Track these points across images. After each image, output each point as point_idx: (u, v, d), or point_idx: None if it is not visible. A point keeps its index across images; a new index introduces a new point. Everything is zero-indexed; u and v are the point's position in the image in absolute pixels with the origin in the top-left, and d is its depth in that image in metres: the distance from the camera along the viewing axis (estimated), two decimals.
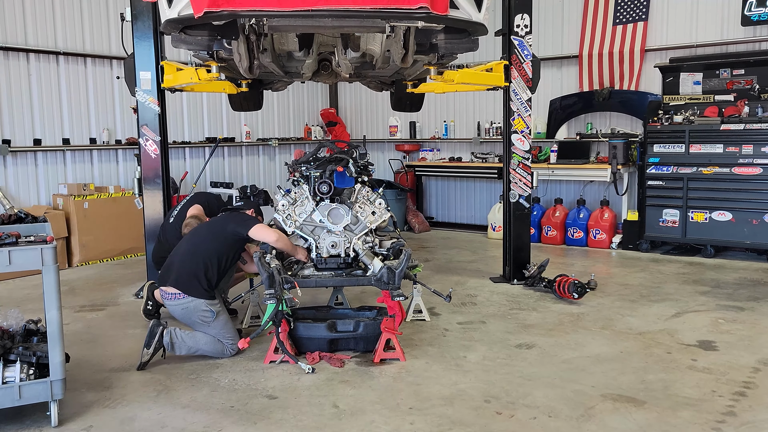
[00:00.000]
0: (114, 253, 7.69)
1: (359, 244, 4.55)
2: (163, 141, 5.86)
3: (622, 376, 3.88)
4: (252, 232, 4.38)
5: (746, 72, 7.31)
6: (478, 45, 4.47)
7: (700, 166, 7.25)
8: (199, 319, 4.22)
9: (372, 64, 5.20)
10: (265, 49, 4.47)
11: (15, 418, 3.40)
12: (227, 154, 9.76)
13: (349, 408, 3.51)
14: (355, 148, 5.04)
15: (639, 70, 8.17)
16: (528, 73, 6.05)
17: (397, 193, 9.59)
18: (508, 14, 6.00)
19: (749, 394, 3.61)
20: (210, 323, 4.24)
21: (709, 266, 6.92)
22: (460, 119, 10.01)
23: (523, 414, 3.39)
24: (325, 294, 5.56)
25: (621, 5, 8.28)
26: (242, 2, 3.54)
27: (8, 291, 6.23)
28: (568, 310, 5.34)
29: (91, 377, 4.00)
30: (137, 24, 5.67)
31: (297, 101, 10.88)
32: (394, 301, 4.15)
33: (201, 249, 4.34)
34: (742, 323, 4.90)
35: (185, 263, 4.29)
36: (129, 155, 8.33)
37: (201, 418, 3.41)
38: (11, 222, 3.78)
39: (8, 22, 7.27)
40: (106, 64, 8.20)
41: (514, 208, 6.26)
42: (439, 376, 3.92)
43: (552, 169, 8.44)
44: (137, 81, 5.72)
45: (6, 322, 3.56)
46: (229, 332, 4.31)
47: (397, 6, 3.58)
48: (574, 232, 8.28)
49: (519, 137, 6.18)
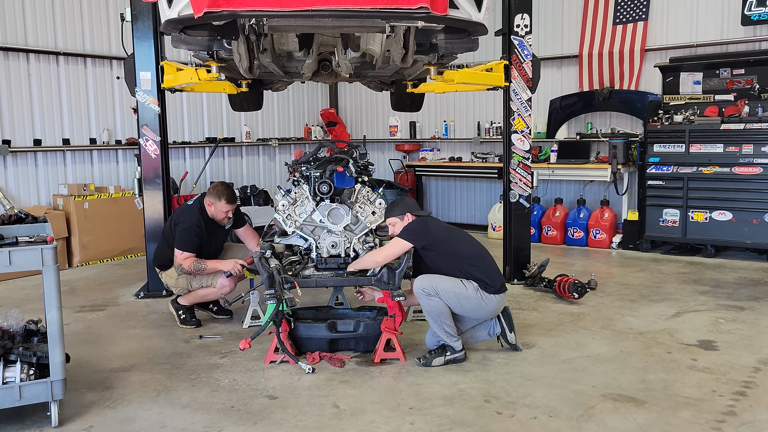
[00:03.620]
0: (114, 253, 7.69)
1: (359, 245, 4.55)
2: (163, 141, 5.87)
3: (623, 376, 3.88)
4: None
5: (746, 72, 7.31)
6: (478, 45, 4.46)
7: (700, 165, 7.25)
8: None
9: (372, 64, 5.20)
10: (265, 49, 4.47)
11: (15, 418, 3.40)
12: (227, 154, 9.76)
13: (350, 408, 3.51)
14: (355, 148, 5.03)
15: (639, 70, 8.17)
16: (528, 72, 6.06)
17: (397, 193, 9.55)
18: (508, 14, 6.00)
19: (749, 393, 3.61)
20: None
21: (709, 266, 6.92)
22: (460, 119, 10.01)
23: (524, 414, 3.39)
24: (325, 294, 5.56)
25: (621, 5, 8.28)
26: (242, 2, 3.53)
27: (8, 291, 6.24)
28: (569, 309, 5.34)
29: (92, 377, 4.00)
30: (137, 24, 5.67)
31: (297, 101, 10.88)
32: (394, 301, 4.15)
33: None
34: (742, 323, 4.90)
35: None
36: (129, 155, 8.33)
37: (201, 418, 3.41)
38: (11, 222, 3.78)
39: (8, 22, 7.27)
40: (106, 65, 8.20)
41: (514, 208, 6.27)
42: (440, 376, 3.92)
43: (552, 168, 8.43)
44: (137, 81, 5.73)
45: (6, 323, 3.56)
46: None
47: (397, 6, 3.58)
48: (575, 231, 8.28)
49: (519, 137, 6.18)
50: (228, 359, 4.28)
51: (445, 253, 4.11)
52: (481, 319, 4.24)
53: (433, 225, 4.27)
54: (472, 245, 4.25)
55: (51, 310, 3.23)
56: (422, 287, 4.01)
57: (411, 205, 4.40)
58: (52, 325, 3.23)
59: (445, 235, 4.19)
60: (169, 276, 4.99)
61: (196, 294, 4.94)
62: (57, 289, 3.24)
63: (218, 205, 4.86)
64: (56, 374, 3.25)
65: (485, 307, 4.09)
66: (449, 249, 4.12)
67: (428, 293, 3.98)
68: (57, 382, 3.26)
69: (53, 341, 3.24)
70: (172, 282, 4.97)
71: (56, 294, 3.24)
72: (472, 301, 4.05)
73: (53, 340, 3.24)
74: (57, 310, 3.24)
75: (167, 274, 5.00)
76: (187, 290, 4.95)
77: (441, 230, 4.24)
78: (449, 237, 4.20)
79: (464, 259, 4.11)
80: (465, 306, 4.07)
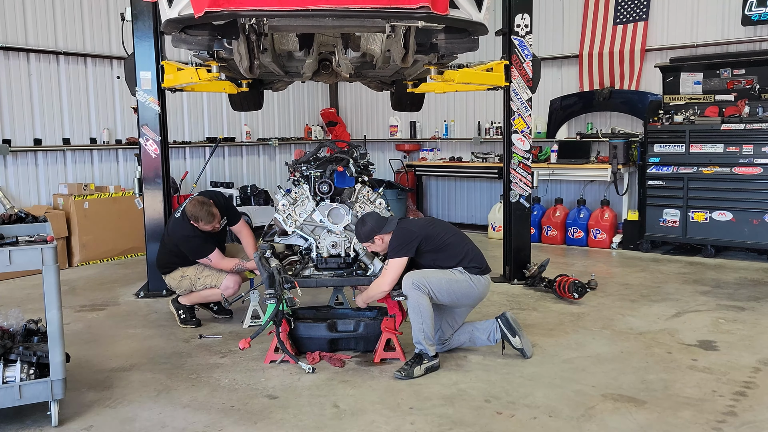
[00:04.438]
0: (114, 252, 7.69)
1: (359, 244, 4.55)
2: (163, 141, 5.87)
3: (623, 376, 3.88)
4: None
5: (747, 72, 7.30)
6: (478, 45, 4.47)
7: (700, 165, 7.25)
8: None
9: (372, 64, 5.20)
10: (266, 49, 4.47)
11: (15, 417, 3.39)
12: (227, 154, 9.76)
13: (350, 408, 3.51)
14: (355, 148, 5.03)
15: (639, 70, 8.16)
16: (528, 72, 6.05)
17: (398, 193, 9.58)
18: (508, 14, 6.00)
19: (750, 394, 3.61)
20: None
21: (709, 266, 6.91)
22: (461, 119, 10.00)
23: (524, 414, 3.39)
24: (325, 294, 5.56)
25: (621, 5, 8.28)
26: (243, 2, 3.53)
27: (9, 291, 6.24)
28: (569, 309, 5.34)
29: (92, 377, 4.00)
30: (137, 24, 5.67)
31: (297, 101, 10.88)
32: (394, 301, 4.15)
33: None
34: (742, 323, 4.90)
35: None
36: (129, 155, 8.33)
37: (201, 418, 3.41)
38: (12, 222, 3.78)
39: (9, 22, 7.26)
40: (107, 64, 8.20)
41: (514, 208, 6.26)
42: (440, 376, 3.92)
43: (552, 168, 8.43)
44: (137, 81, 5.72)
45: (6, 322, 3.55)
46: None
47: (397, 6, 3.58)
48: (575, 231, 8.28)
49: (519, 137, 6.18)
50: (228, 359, 4.28)
51: (435, 247, 4.10)
52: (473, 304, 4.26)
53: (411, 225, 4.23)
54: (453, 232, 4.26)
55: (51, 310, 3.23)
56: (412, 280, 3.96)
57: (374, 223, 4.20)
58: (53, 325, 3.23)
59: (428, 230, 4.16)
60: (172, 278, 4.99)
61: (199, 294, 4.95)
62: (57, 288, 3.24)
63: (199, 225, 4.78)
64: (56, 374, 3.25)
65: (475, 289, 4.10)
66: (437, 243, 4.11)
67: (417, 285, 3.92)
68: (57, 382, 3.26)
69: (53, 341, 3.24)
70: (176, 284, 4.98)
71: (56, 293, 3.24)
72: (462, 285, 4.05)
73: (53, 340, 3.24)
74: (57, 309, 3.24)
75: (171, 276, 5.00)
76: (191, 291, 4.96)
77: (420, 227, 4.20)
78: (432, 232, 4.17)
79: (452, 248, 4.12)
80: (456, 291, 4.06)
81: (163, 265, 5.06)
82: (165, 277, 5.08)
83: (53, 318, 3.23)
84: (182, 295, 5.02)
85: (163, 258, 5.06)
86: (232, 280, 4.83)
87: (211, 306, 5.23)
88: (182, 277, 4.93)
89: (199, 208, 4.73)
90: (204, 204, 4.77)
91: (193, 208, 4.74)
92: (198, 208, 4.73)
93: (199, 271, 4.92)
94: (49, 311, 3.23)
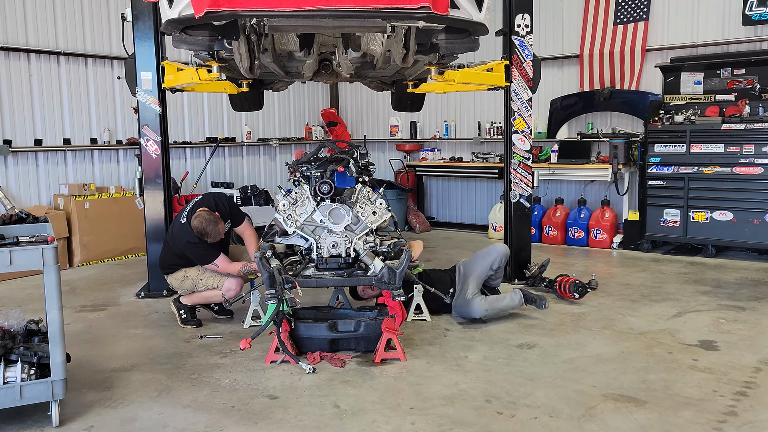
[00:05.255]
0: (115, 253, 7.69)
1: (360, 244, 4.54)
2: (164, 141, 5.87)
3: (624, 376, 3.88)
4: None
5: (747, 72, 7.30)
6: (478, 45, 4.47)
7: (701, 165, 7.24)
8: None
9: (373, 64, 5.20)
10: (266, 49, 4.47)
11: (16, 418, 3.40)
12: (228, 154, 9.76)
13: (350, 408, 3.51)
14: (355, 148, 5.03)
15: (640, 70, 8.16)
16: (529, 73, 6.05)
17: (398, 193, 9.59)
18: (508, 14, 6.00)
19: (750, 393, 3.61)
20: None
21: (710, 266, 6.91)
22: (461, 119, 10.00)
23: (524, 414, 3.39)
24: (325, 294, 5.56)
25: (621, 5, 8.28)
26: (243, 2, 3.54)
27: (9, 291, 6.24)
28: (569, 310, 5.34)
29: (93, 377, 4.00)
30: (138, 24, 5.68)
31: (297, 101, 10.88)
32: (395, 301, 4.15)
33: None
34: (743, 323, 4.90)
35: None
36: (130, 155, 8.33)
37: (202, 418, 3.41)
38: (12, 222, 3.78)
39: (9, 22, 7.27)
40: (107, 65, 8.20)
41: (514, 208, 6.26)
42: (440, 376, 3.92)
43: (553, 168, 8.43)
44: (138, 81, 5.73)
45: (7, 322, 3.55)
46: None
47: (398, 6, 3.58)
48: (575, 232, 8.28)
49: (520, 137, 6.18)
50: (229, 359, 4.28)
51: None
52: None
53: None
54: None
55: (52, 310, 3.23)
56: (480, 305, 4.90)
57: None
58: (53, 325, 3.23)
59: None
60: (175, 278, 4.99)
61: (201, 295, 4.95)
62: (58, 288, 3.24)
63: (206, 239, 4.74)
64: (57, 374, 3.26)
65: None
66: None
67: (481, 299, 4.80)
68: (58, 382, 3.26)
69: (54, 341, 3.24)
70: (178, 284, 4.98)
71: (57, 294, 3.24)
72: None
73: (54, 340, 3.24)
74: (58, 309, 3.24)
75: (173, 277, 5.00)
76: (193, 292, 4.97)
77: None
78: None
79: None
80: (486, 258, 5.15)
81: (166, 265, 5.06)
82: (167, 278, 5.09)
83: (54, 318, 3.23)
84: (184, 295, 5.02)
85: (167, 259, 5.06)
86: (234, 282, 4.83)
87: (212, 306, 5.24)
88: (184, 278, 4.93)
89: (206, 224, 4.66)
90: (211, 221, 4.68)
91: (200, 225, 4.67)
92: (205, 224, 4.67)
93: (201, 272, 4.92)
94: (50, 311, 3.23)
